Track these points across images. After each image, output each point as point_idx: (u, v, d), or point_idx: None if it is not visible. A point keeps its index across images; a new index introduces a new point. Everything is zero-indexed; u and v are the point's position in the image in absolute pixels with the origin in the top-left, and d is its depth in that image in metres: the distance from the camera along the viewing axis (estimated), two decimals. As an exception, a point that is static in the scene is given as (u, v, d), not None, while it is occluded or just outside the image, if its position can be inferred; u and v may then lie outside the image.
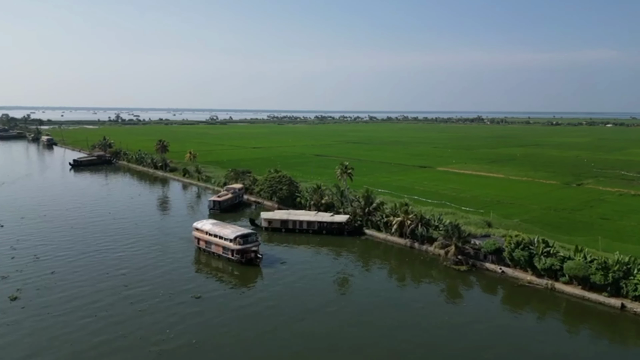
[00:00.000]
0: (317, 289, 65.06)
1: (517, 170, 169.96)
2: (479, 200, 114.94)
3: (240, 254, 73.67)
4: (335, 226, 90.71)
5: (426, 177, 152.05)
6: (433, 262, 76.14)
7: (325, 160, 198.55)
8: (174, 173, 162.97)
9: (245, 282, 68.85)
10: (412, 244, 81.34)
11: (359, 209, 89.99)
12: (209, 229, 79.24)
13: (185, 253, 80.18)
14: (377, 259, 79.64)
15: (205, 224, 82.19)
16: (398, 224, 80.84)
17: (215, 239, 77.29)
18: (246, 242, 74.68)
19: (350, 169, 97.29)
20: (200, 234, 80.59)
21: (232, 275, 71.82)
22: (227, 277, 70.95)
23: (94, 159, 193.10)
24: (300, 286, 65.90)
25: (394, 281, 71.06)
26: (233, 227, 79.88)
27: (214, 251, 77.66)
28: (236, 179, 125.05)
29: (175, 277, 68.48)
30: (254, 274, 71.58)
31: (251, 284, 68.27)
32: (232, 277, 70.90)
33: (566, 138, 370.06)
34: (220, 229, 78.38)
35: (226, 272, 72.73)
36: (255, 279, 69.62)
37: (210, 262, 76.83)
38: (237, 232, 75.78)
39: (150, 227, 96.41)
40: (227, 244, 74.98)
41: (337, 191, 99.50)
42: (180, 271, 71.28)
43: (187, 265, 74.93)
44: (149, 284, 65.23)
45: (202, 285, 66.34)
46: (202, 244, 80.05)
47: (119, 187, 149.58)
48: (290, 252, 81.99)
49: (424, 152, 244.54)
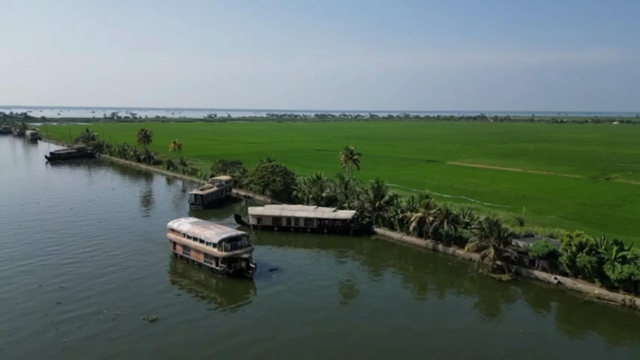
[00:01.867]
0: (317, 308, 49.77)
1: (534, 164, 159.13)
2: (501, 195, 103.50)
3: (226, 263, 57.83)
4: (338, 224, 75.80)
5: (437, 171, 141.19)
6: (463, 268, 61.29)
7: (325, 154, 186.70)
8: (159, 166, 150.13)
9: (229, 300, 52.89)
10: (435, 246, 66.50)
11: (367, 203, 74.61)
12: (187, 230, 63.47)
13: (157, 260, 64.45)
14: (391, 265, 64.65)
15: (183, 223, 66.40)
16: (417, 220, 65.66)
17: (195, 243, 61.56)
18: (235, 247, 58.89)
19: (356, 155, 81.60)
20: (176, 236, 64.99)
21: (214, 290, 56.20)
22: (205, 293, 54.97)
23: (74, 151, 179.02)
24: (295, 306, 50.07)
25: (414, 294, 55.93)
26: (218, 228, 63.95)
27: (194, 259, 62.10)
28: (224, 170, 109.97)
29: (132, 292, 52.79)
30: (243, 289, 55.37)
31: (236, 303, 52.00)
32: (213, 294, 55.05)
33: (575, 134, 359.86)
34: (202, 230, 62.55)
35: (207, 287, 56.66)
36: (243, 297, 53.73)
37: (189, 272, 60.75)
38: (222, 235, 60.07)
39: (119, 227, 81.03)
40: (210, 250, 59.28)
41: (341, 182, 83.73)
42: (143, 285, 55.31)
43: (156, 277, 58.54)
44: (91, 302, 49.75)
45: (166, 304, 49.79)
46: (179, 249, 64.49)
47: (93, 181, 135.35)
48: (283, 257, 66.96)
49: (430, 147, 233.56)
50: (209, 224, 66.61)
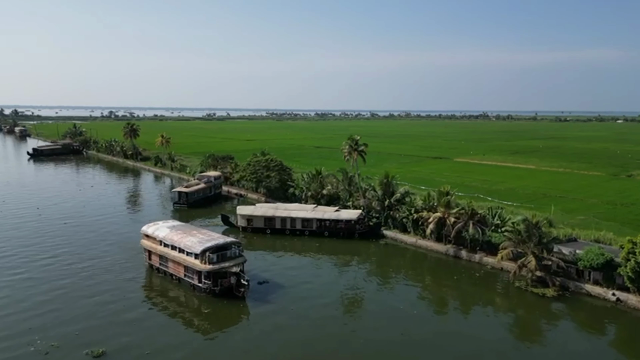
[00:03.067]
0: (320, 338, 39.65)
1: (547, 161, 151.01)
2: (519, 193, 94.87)
3: (211, 279, 46.77)
4: (342, 225, 66.39)
5: (445, 168, 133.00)
6: (493, 280, 51.65)
7: (326, 151, 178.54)
8: (147, 163, 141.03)
9: (209, 327, 41.73)
10: (458, 252, 56.79)
11: (375, 201, 64.98)
12: (164, 237, 52.23)
13: (127, 273, 53.43)
14: (405, 275, 55.01)
15: (160, 228, 54.95)
16: (436, 222, 55.80)
17: (174, 253, 50.51)
18: (222, 259, 47.68)
19: (362, 145, 71.25)
20: (151, 243, 54.00)
21: (193, 313, 44.67)
22: (181, 317, 43.46)
23: (58, 148, 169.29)
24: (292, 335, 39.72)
25: (433, 314, 45.65)
26: (202, 234, 52.38)
27: (172, 272, 51.11)
28: (214, 166, 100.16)
29: (84, 316, 41.79)
30: (229, 312, 44.20)
31: (218, 331, 41.11)
32: (192, 318, 43.64)
33: (582, 132, 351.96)
34: (182, 236, 51.36)
35: (184, 309, 45.06)
36: (228, 323, 42.69)
37: (165, 289, 49.52)
38: (206, 243, 48.70)
39: (89, 231, 70.33)
40: (191, 262, 48.20)
41: (344, 178, 73.89)
42: (101, 305, 44.17)
43: (121, 294, 47.16)
44: (25, 327, 39.29)
45: (125, 332, 38.81)
46: (155, 260, 53.58)
47: (73, 178, 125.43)
48: (276, 265, 57.13)
49: (434, 144, 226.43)
50: (191, 229, 55.75)
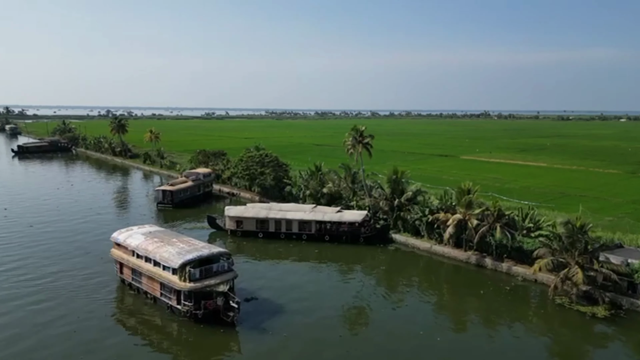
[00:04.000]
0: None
1: (557, 158, 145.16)
2: (536, 192, 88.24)
3: (192, 300, 37.84)
4: (344, 228, 59.06)
5: (452, 166, 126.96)
6: (527, 294, 44.23)
7: (326, 149, 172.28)
8: (136, 160, 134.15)
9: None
10: (481, 260, 49.53)
11: (382, 200, 57.59)
12: (136, 246, 43.45)
13: (95, 290, 44.31)
14: (418, 286, 47.93)
15: (134, 234, 46.08)
16: (455, 224, 48.31)
17: (148, 266, 41.56)
18: (207, 275, 38.63)
19: (367, 137, 63.19)
20: (122, 253, 45.28)
21: (169, 342, 36.43)
22: (155, 350, 34.89)
23: (45, 145, 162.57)
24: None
25: (454, 336, 37.80)
26: (184, 242, 43.09)
27: (147, 290, 42.31)
28: (206, 162, 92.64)
29: (23, 348, 33.48)
30: (216, 342, 35.73)
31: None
32: (166, 350, 35.22)
33: (587, 130, 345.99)
34: (158, 245, 42.24)
35: (158, 339, 36.43)
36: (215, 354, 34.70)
37: (138, 311, 40.32)
38: (187, 254, 39.39)
39: (59, 236, 61.74)
40: (169, 278, 39.15)
41: (347, 174, 66.46)
42: (51, 333, 35.54)
43: (81, 318, 38.07)
44: None
45: None
46: (127, 274, 44.80)
47: (54, 176, 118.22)
48: (269, 276, 49.73)
49: (438, 142, 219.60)
50: (171, 236, 46.62)
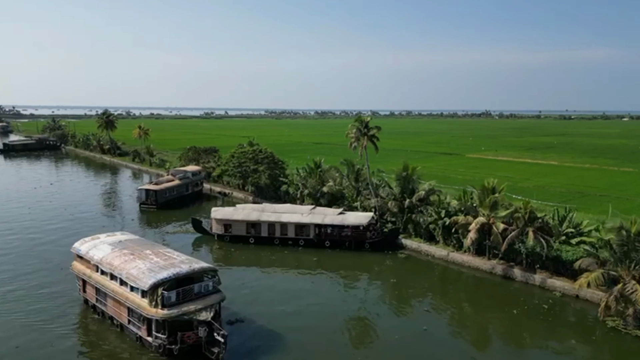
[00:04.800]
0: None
1: (567, 157, 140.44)
2: (552, 192, 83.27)
3: (167, 332, 30.28)
4: (347, 232, 52.80)
5: (458, 164, 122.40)
6: (568, 313, 38.20)
7: (326, 147, 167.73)
8: (125, 158, 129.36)
9: None
10: (508, 271, 43.28)
11: (391, 201, 51.40)
12: (101, 259, 35.82)
13: (51, 313, 36.83)
14: (432, 301, 41.71)
15: (100, 244, 38.19)
16: (478, 229, 42.12)
17: (113, 286, 34.12)
18: (185, 299, 31.33)
19: (373, 129, 56.32)
20: (85, 268, 37.54)
21: None
22: None
23: (32, 143, 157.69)
24: None
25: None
26: (159, 254, 35.30)
27: (113, 315, 34.87)
28: (197, 160, 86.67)
29: None
30: None
31: None
32: None
33: (592, 129, 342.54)
34: (127, 259, 34.53)
35: None
36: None
37: (102, 342, 33.23)
38: (160, 271, 31.86)
39: (24, 244, 54.49)
40: (136, 302, 31.81)
41: (350, 171, 60.32)
42: None
43: (27, 351, 31.42)
44: None
45: None
46: (91, 294, 37.20)
47: (35, 175, 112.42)
48: (259, 289, 43.29)
49: (441, 140, 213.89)
50: (145, 246, 38.21)
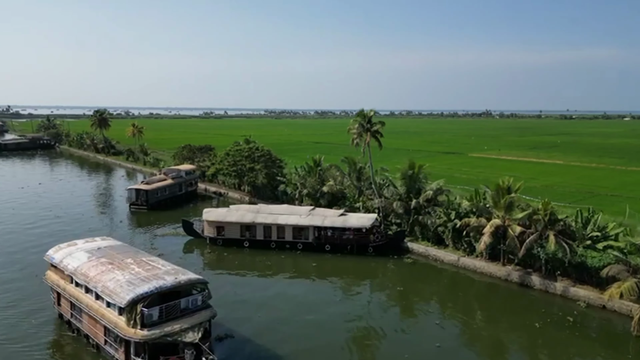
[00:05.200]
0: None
1: (572, 156, 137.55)
2: (561, 192, 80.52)
3: (147, 356, 26.57)
4: (349, 235, 49.22)
5: (461, 163, 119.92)
6: (595, 326, 34.68)
7: (326, 147, 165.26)
8: (119, 157, 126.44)
9: None
10: (525, 278, 39.82)
11: (396, 201, 47.95)
12: (75, 269, 31.87)
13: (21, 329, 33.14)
14: (441, 310, 38.34)
15: (77, 252, 34.04)
16: (492, 232, 38.75)
17: (88, 300, 30.37)
18: (168, 317, 27.39)
19: (377, 124, 52.46)
20: (60, 279, 33.63)
21: None
22: None
23: (25, 142, 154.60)
24: None
25: None
26: (141, 264, 31.33)
27: (88, 333, 31.03)
28: (191, 159, 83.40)
29: None
30: None
31: None
32: None
33: (594, 129, 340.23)
34: (104, 269, 30.77)
35: None
36: None
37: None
38: (140, 285, 28.08)
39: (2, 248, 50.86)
40: (113, 320, 28.01)
41: (352, 170, 57.00)
42: None
43: None
44: None
45: None
46: (65, 308, 33.39)
47: (25, 175, 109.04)
48: (252, 299, 39.68)
49: (443, 139, 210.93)
50: (127, 253, 33.81)
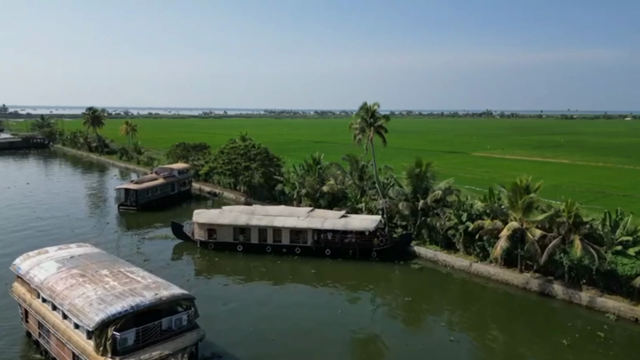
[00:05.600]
0: None
1: (578, 155, 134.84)
2: (570, 191, 76.90)
3: None
4: (351, 239, 45.55)
5: (465, 163, 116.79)
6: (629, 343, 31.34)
7: (326, 146, 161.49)
8: (113, 156, 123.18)
9: None
10: (547, 287, 36.10)
11: (402, 202, 44.40)
12: (41, 283, 27.43)
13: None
14: (451, 322, 34.78)
15: (46, 261, 29.74)
16: (509, 236, 35.26)
17: (55, 319, 25.69)
18: (145, 341, 23.04)
19: (381, 119, 48.00)
20: (26, 292, 29.38)
21: None
22: None
23: (18, 141, 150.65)
24: None
25: None
26: (119, 276, 27.08)
27: (56, 357, 26.20)
28: (186, 157, 79.96)
29: None
30: None
31: None
32: None
33: (597, 128, 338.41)
34: (74, 282, 26.21)
35: None
36: None
37: None
38: (115, 303, 23.49)
39: None
40: (81, 345, 23.35)
41: (353, 168, 53.53)
42: None
43: None
44: None
45: None
46: (32, 327, 28.96)
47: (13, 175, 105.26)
48: (246, 310, 36.32)
49: (444, 139, 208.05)
50: (103, 264, 29.35)
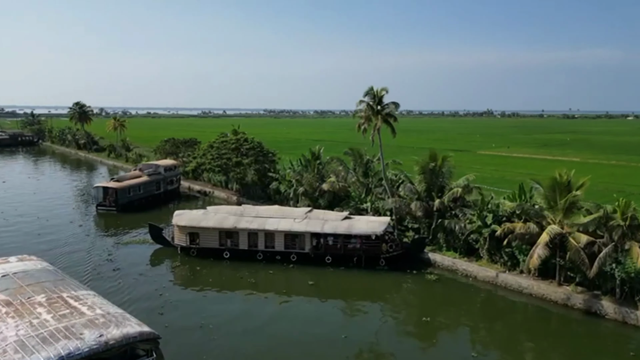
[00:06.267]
0: None
1: (587, 153, 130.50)
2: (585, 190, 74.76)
3: None
4: (355, 244, 39.42)
5: (471, 161, 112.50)
6: None
7: (326, 144, 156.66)
8: (101, 154, 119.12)
9: None
10: (594, 304, 30.29)
11: (414, 202, 38.47)
12: None
13: None
14: (481, 350, 28.64)
15: None
16: (547, 243, 29.61)
17: None
18: None
19: (390, 105, 41.28)
20: None
21: None
22: None
23: (5, 138, 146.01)
24: None
25: None
26: (62, 306, 20.40)
27: None
28: (175, 154, 74.59)
29: None
30: None
31: None
32: None
33: (601, 127, 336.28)
34: (8, 311, 19.67)
35: None
36: None
37: None
38: (38, 350, 16.80)
39: None
40: None
41: (357, 163, 47.96)
42: None
43: None
44: None
45: None
46: None
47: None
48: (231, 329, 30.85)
49: (447, 137, 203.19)
50: (42, 285, 23.45)
